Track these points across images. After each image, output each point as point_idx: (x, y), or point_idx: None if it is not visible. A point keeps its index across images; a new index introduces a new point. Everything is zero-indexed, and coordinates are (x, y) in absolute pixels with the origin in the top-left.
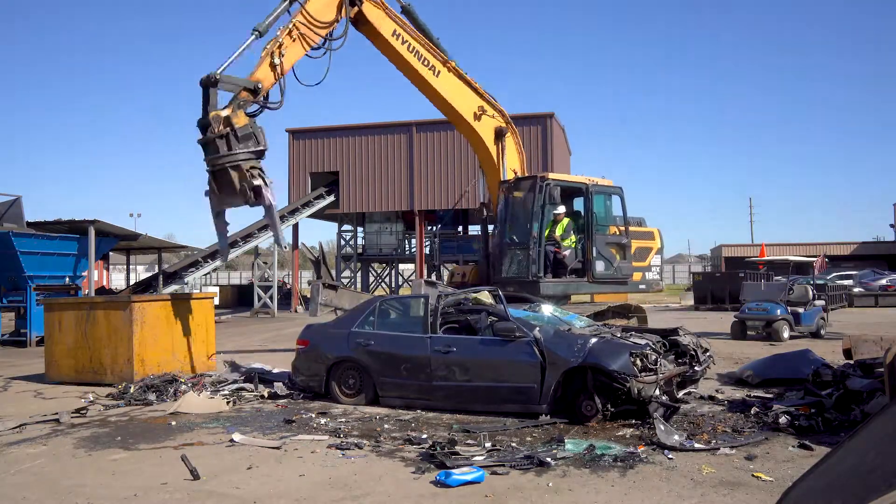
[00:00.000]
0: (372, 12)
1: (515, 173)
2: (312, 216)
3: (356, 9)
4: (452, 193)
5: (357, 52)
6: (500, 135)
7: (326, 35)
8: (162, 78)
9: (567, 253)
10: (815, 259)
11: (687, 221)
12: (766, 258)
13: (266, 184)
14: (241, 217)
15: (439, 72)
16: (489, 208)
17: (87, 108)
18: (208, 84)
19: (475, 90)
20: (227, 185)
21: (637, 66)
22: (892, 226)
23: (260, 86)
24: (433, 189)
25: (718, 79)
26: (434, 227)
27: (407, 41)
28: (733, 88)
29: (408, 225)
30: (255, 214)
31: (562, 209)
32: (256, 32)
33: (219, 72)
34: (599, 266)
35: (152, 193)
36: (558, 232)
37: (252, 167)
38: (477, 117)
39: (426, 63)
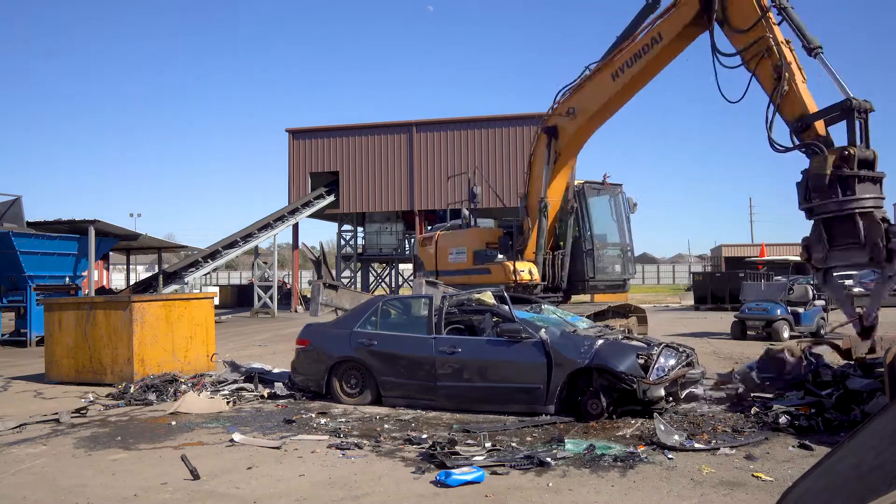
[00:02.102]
0: None
1: (606, 176)
2: (312, 216)
3: None
4: (452, 193)
5: (358, 52)
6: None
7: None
8: (163, 77)
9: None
10: None
11: (687, 221)
12: (766, 258)
13: None
14: (241, 218)
15: None
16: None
17: (88, 108)
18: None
19: None
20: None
21: None
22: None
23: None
24: (433, 189)
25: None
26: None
27: None
28: (733, 87)
29: (408, 225)
30: (254, 215)
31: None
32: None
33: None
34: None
35: (152, 193)
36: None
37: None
38: None
39: None
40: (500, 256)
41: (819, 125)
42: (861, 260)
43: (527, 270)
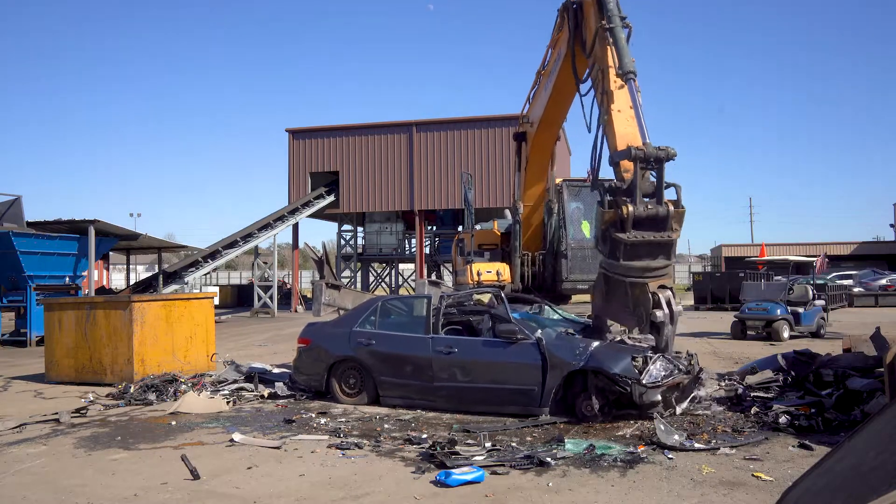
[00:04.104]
0: None
1: (590, 173)
2: (312, 216)
3: None
4: (452, 193)
5: (358, 52)
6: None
7: None
8: (162, 77)
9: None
10: (815, 259)
11: (687, 221)
12: (766, 258)
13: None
14: (241, 218)
15: None
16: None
17: (87, 107)
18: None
19: None
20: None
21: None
22: (892, 226)
23: None
24: (433, 189)
25: (718, 78)
26: (434, 227)
27: None
28: (733, 88)
29: (408, 225)
30: (254, 215)
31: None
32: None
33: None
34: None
35: (152, 193)
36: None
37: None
38: None
39: None
40: (458, 258)
41: (630, 165)
42: (630, 325)
43: (494, 271)
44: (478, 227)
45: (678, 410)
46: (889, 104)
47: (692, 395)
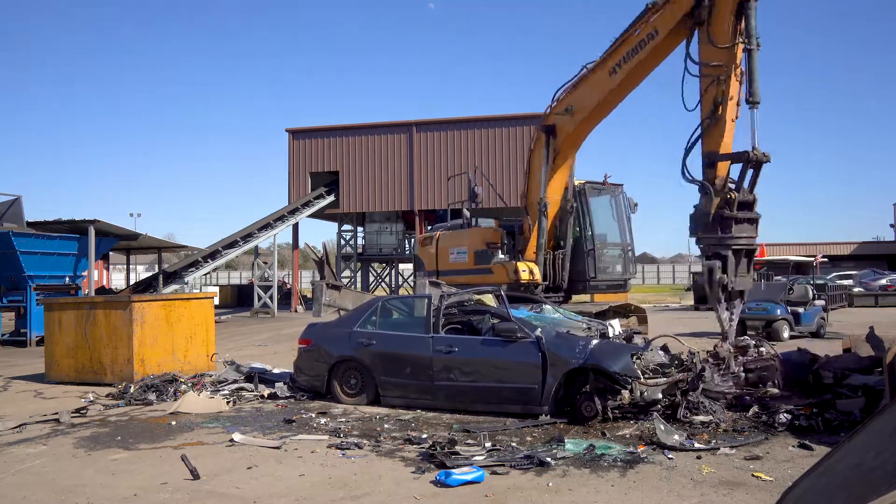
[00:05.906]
0: None
1: (608, 176)
2: (312, 216)
3: None
4: (452, 193)
5: (358, 51)
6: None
7: None
8: (163, 77)
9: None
10: (813, 258)
11: (687, 221)
12: (766, 258)
13: None
14: (241, 218)
15: None
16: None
17: (87, 107)
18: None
19: None
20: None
21: None
22: (892, 226)
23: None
24: (433, 189)
25: None
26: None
27: None
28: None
29: (408, 225)
30: (254, 215)
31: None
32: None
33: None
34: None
35: (152, 193)
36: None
37: None
38: None
39: None
40: (501, 256)
41: (723, 165)
42: (749, 287)
43: (528, 270)
44: (482, 224)
45: (680, 411)
46: (889, 103)
47: (695, 390)
